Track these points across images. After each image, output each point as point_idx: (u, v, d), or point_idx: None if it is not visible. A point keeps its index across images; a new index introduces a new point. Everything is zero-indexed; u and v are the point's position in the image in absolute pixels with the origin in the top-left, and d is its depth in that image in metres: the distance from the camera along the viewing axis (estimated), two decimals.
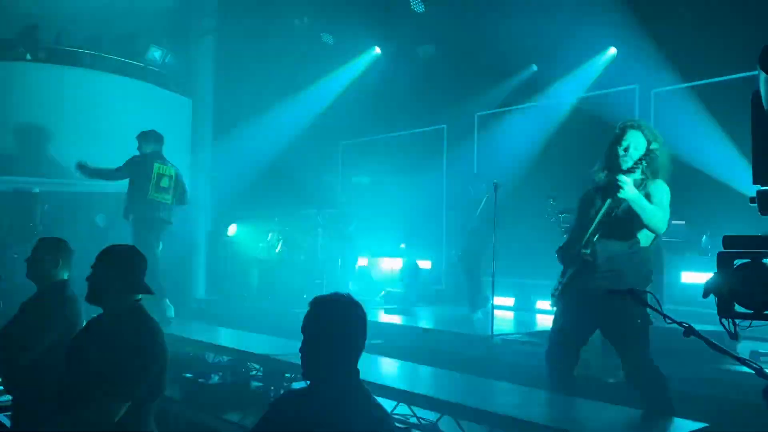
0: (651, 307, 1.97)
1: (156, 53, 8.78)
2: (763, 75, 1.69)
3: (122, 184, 6.60)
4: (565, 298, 3.60)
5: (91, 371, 2.52)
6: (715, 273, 1.84)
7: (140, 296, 2.76)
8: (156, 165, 6.50)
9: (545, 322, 6.58)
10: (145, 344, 2.58)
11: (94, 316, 2.84)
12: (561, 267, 3.69)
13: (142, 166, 6.47)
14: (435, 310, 8.00)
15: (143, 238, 6.23)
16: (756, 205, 1.88)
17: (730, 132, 6.13)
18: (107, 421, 2.44)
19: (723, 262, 1.82)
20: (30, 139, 7.82)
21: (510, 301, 7.83)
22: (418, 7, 8.16)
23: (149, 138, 6.62)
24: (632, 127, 3.56)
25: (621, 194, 3.30)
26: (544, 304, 7.68)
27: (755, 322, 1.80)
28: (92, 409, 2.44)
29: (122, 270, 2.72)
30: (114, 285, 2.68)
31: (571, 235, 3.80)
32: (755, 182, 1.86)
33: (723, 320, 1.83)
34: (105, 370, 2.47)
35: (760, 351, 4.37)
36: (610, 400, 3.51)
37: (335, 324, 1.92)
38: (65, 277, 3.44)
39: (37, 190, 7.63)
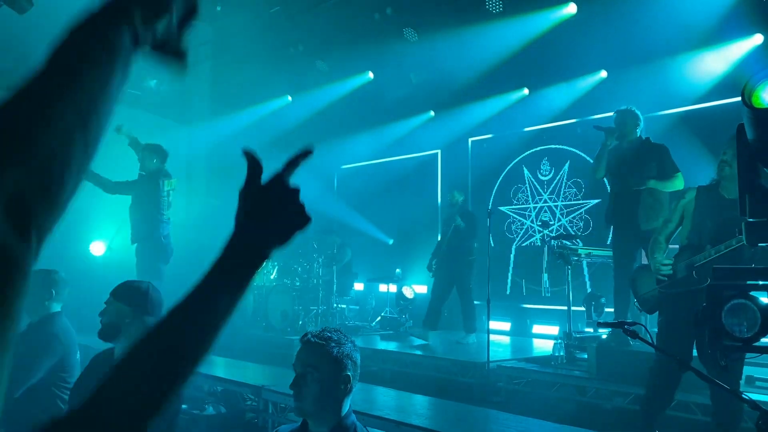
0: (642, 340, 1.98)
1: (151, 82, 8.85)
2: (745, 110, 1.71)
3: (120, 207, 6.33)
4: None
5: None
6: (705, 305, 1.85)
7: None
8: (165, 182, 6.07)
9: (542, 346, 6.56)
10: None
11: (100, 351, 2.74)
12: None
13: (153, 184, 6.01)
14: (431, 336, 7.95)
15: (156, 265, 5.81)
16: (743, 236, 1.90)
17: None
18: None
19: (712, 293, 1.83)
20: None
21: (506, 326, 7.80)
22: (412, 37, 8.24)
23: (160, 152, 6.13)
24: None
25: None
26: (541, 328, 7.66)
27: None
28: None
29: (140, 308, 2.62)
30: (131, 324, 2.58)
31: None
32: (742, 214, 1.88)
33: (714, 351, 1.84)
34: None
35: (755, 376, 4.35)
36: (608, 426, 3.49)
37: (324, 362, 1.89)
38: (58, 309, 3.41)
39: None
